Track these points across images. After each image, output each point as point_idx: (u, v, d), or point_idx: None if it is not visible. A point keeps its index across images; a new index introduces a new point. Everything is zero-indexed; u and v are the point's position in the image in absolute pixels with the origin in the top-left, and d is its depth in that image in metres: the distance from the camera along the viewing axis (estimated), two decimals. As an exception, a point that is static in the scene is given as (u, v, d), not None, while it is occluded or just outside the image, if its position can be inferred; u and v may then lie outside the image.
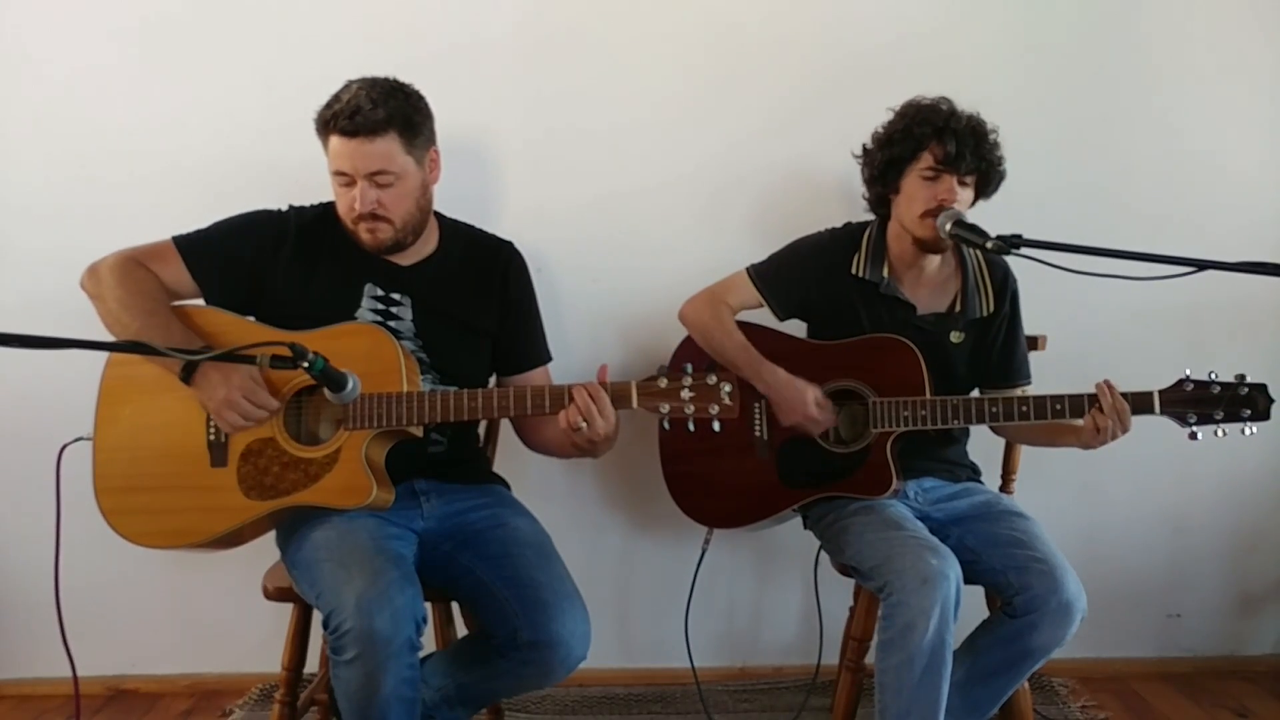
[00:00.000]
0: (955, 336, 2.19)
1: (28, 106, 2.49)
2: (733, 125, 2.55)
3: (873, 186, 2.19)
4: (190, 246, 2.00)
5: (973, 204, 2.14)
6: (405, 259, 2.06)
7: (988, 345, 2.21)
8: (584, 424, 1.80)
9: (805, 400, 2.08)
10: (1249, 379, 1.94)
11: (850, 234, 2.23)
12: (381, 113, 1.90)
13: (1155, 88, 2.59)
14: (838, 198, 2.44)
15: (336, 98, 1.93)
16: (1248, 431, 1.93)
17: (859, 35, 2.53)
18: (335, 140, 1.92)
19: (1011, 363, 2.23)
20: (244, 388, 1.83)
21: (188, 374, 1.84)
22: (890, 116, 2.16)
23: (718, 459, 2.23)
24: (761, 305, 2.25)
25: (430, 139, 2.01)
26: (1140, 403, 1.95)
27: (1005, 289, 2.20)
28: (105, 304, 1.93)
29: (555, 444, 2.06)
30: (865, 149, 2.20)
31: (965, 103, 2.11)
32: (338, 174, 1.95)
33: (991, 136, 2.10)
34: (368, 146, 1.91)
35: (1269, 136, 2.63)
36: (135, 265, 1.95)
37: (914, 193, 2.09)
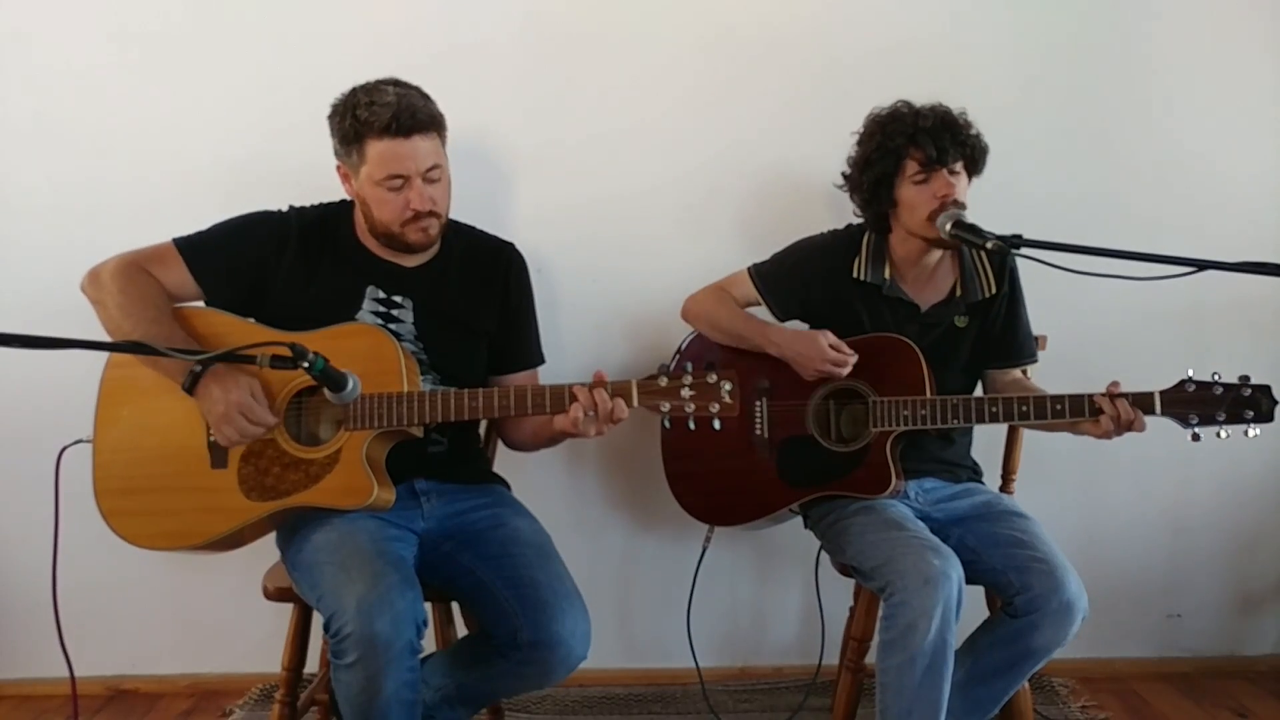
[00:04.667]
0: (959, 321, 2.19)
1: (29, 107, 2.48)
2: (730, 128, 2.55)
3: (868, 208, 2.18)
4: (192, 249, 1.99)
5: (969, 183, 2.13)
6: (408, 261, 2.05)
7: (990, 326, 2.21)
8: (592, 426, 1.80)
9: (819, 346, 2.08)
10: (1253, 380, 1.91)
11: (850, 236, 2.23)
12: (432, 109, 1.94)
13: (1155, 89, 2.59)
14: (833, 200, 2.44)
15: (370, 102, 1.89)
16: (1251, 433, 1.90)
17: (855, 40, 2.53)
18: (386, 143, 1.89)
19: (1015, 341, 2.22)
20: (241, 404, 1.82)
21: (191, 385, 1.83)
22: (857, 139, 2.16)
23: (719, 457, 2.23)
24: (760, 305, 2.26)
25: None
26: (1141, 403, 1.93)
27: (1004, 268, 2.20)
28: (107, 310, 1.92)
29: (533, 438, 2.08)
30: (846, 176, 2.20)
31: (964, 107, 2.11)
32: (392, 178, 1.91)
33: (961, 118, 2.10)
34: (424, 143, 1.92)
35: (1269, 137, 2.62)
36: (137, 270, 1.94)
37: (913, 200, 2.09)
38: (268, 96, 2.47)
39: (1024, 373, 2.26)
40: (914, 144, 2.06)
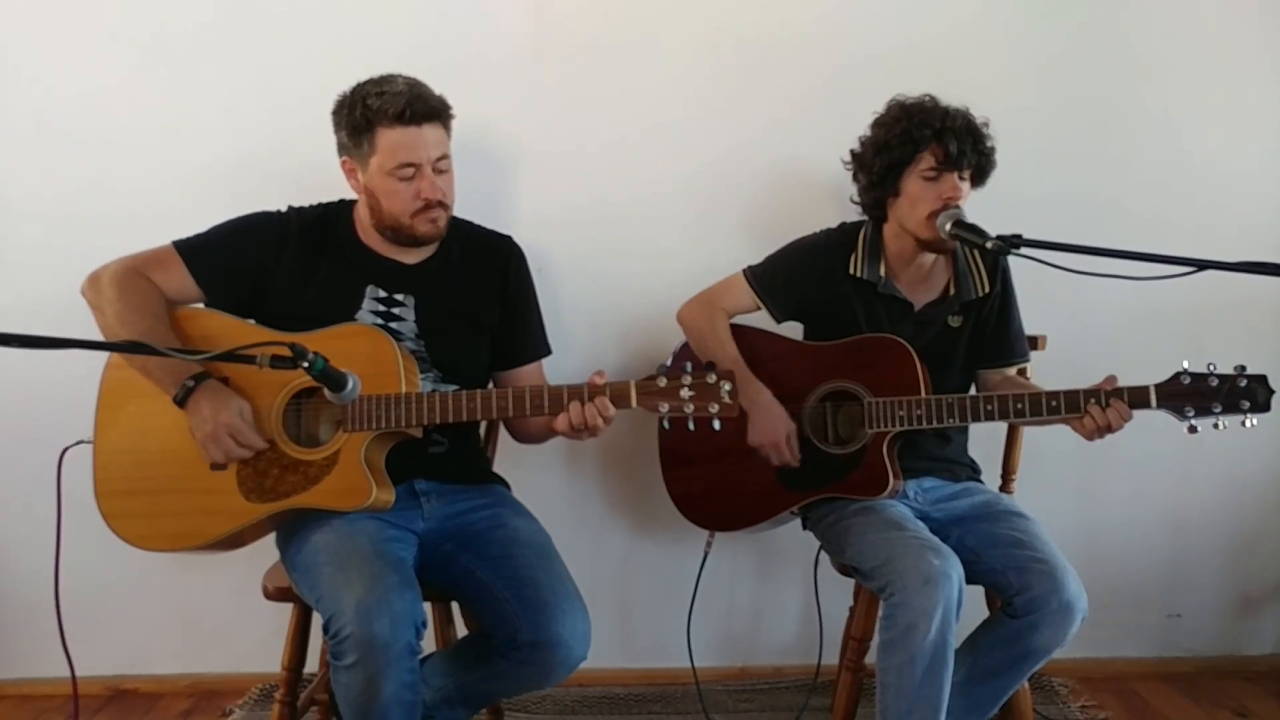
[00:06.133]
0: (953, 320, 2.19)
1: (30, 109, 2.48)
2: (730, 131, 2.55)
3: (870, 191, 2.18)
4: (192, 251, 1.99)
5: (970, 192, 2.13)
6: (409, 258, 2.05)
7: (983, 325, 2.21)
8: (583, 435, 1.82)
9: (779, 429, 2.11)
10: (1249, 370, 1.89)
11: (846, 234, 2.23)
12: (440, 98, 1.95)
13: (1155, 89, 2.59)
14: (833, 201, 2.44)
15: (380, 91, 1.90)
16: (1249, 423, 1.87)
17: (856, 42, 2.53)
18: (398, 131, 1.90)
19: (1006, 340, 2.22)
20: (231, 425, 1.83)
21: (182, 398, 1.84)
22: (875, 120, 2.15)
23: (717, 462, 2.22)
24: (758, 308, 2.25)
25: None
26: (1137, 397, 1.93)
27: (997, 267, 2.20)
28: (104, 316, 1.92)
29: (539, 433, 2.08)
30: (855, 154, 2.19)
31: (970, 106, 2.11)
32: (403, 166, 1.92)
33: (983, 128, 2.10)
34: (434, 132, 1.93)
35: (1269, 137, 2.62)
36: (136, 276, 1.94)
37: (917, 194, 2.09)
38: (268, 98, 2.47)
39: (1020, 372, 2.25)
40: (938, 140, 2.05)
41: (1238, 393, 1.89)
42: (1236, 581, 2.78)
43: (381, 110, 1.90)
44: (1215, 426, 1.90)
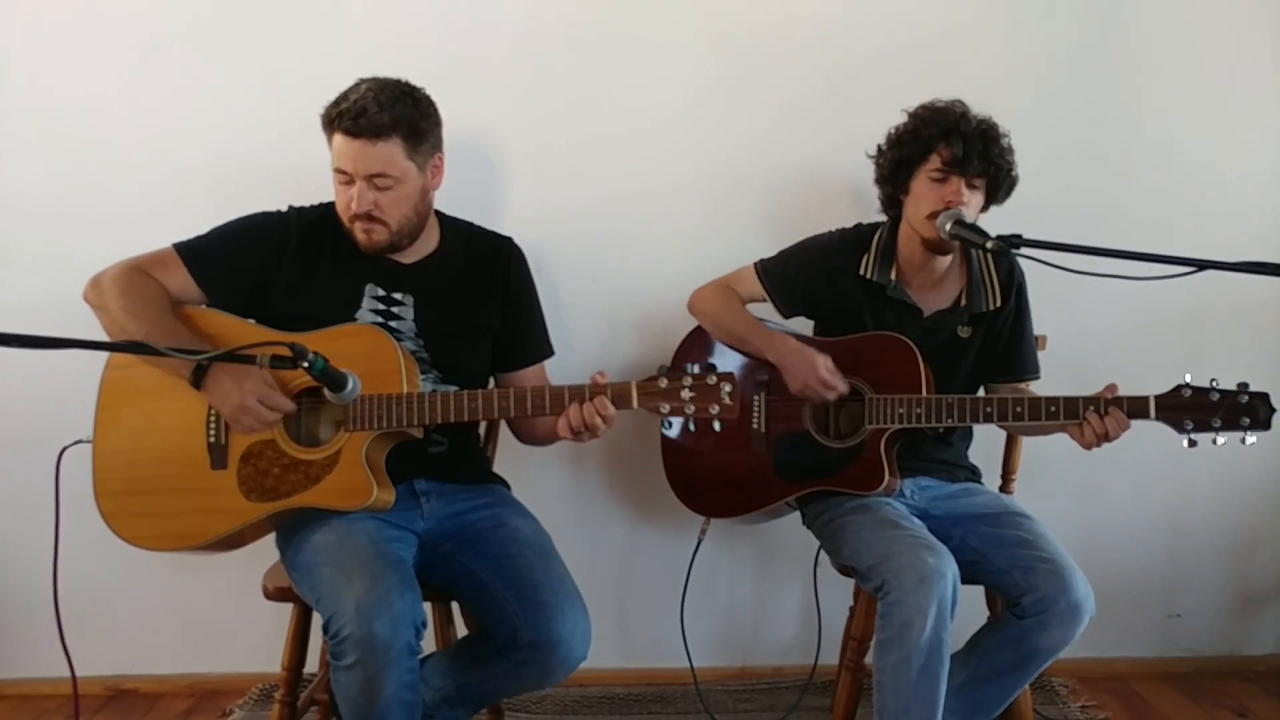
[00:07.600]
0: (962, 331, 2.19)
1: (30, 111, 2.48)
2: (738, 128, 2.55)
3: (883, 186, 2.20)
4: (193, 253, 1.99)
5: (984, 208, 2.14)
6: (407, 258, 2.05)
7: (994, 339, 2.21)
8: (585, 432, 1.82)
9: (815, 364, 2.08)
10: (1251, 387, 1.88)
11: (859, 235, 2.23)
12: (387, 116, 1.89)
13: (1155, 90, 2.59)
14: (844, 200, 2.45)
15: (344, 95, 1.92)
16: (1248, 441, 1.87)
17: (864, 40, 2.53)
18: (338, 138, 1.92)
19: (1018, 356, 2.23)
20: (257, 390, 1.83)
21: (198, 378, 1.83)
22: (903, 118, 2.16)
23: (716, 451, 2.24)
24: (765, 301, 2.26)
25: (436, 145, 2.00)
26: (1136, 408, 1.92)
27: (1011, 282, 2.20)
28: (109, 314, 1.91)
29: (546, 435, 2.07)
30: (879, 149, 2.20)
31: (971, 106, 2.11)
32: (338, 171, 1.94)
33: (1003, 140, 2.10)
34: (369, 149, 1.90)
35: (1269, 138, 2.63)
36: (138, 274, 1.94)
37: (922, 194, 2.09)
38: (268, 98, 2.46)
39: (1025, 387, 2.25)
40: (945, 141, 2.05)
41: (1238, 409, 1.88)
42: (1236, 581, 2.79)
43: (328, 114, 1.93)
44: (1214, 442, 1.89)
